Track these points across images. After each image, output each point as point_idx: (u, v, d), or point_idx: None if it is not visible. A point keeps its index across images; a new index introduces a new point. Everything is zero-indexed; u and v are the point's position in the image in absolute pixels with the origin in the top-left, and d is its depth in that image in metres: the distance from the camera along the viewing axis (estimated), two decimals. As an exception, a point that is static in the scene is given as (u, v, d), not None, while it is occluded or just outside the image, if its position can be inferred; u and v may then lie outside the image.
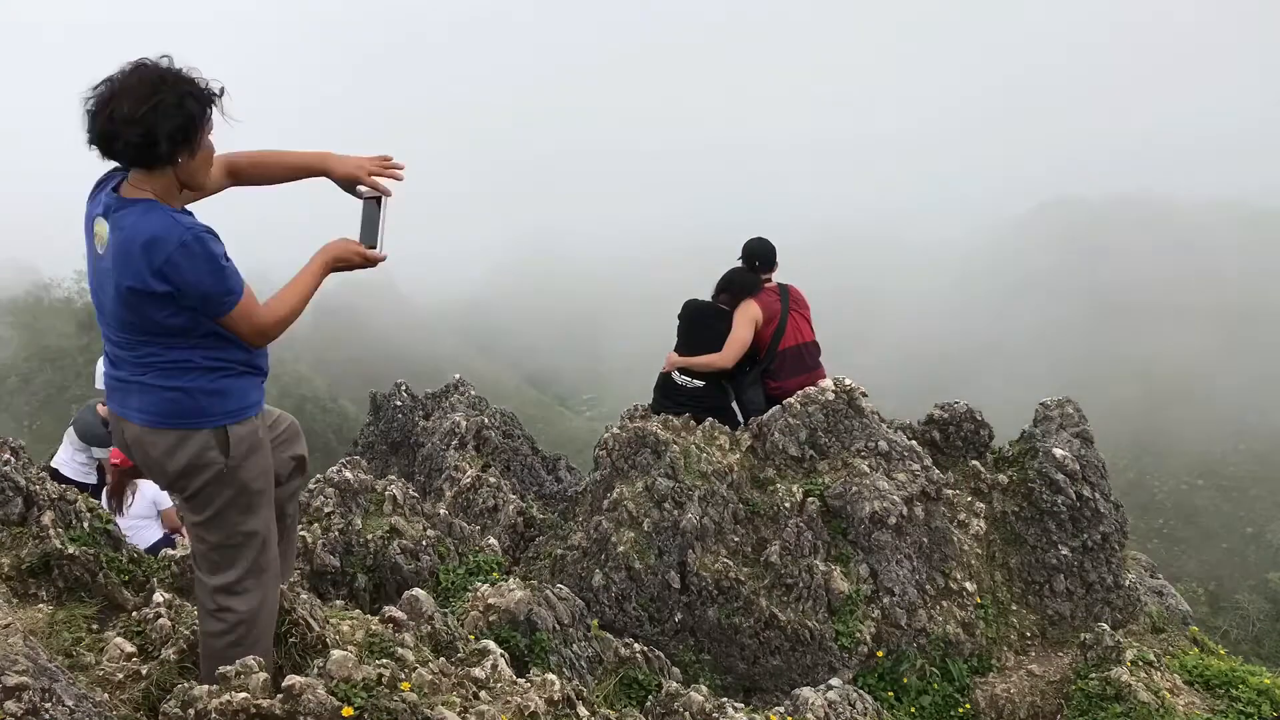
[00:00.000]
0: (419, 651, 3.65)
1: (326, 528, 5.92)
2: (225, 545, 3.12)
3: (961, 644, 5.78)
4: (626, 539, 5.98)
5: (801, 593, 5.74)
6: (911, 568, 5.87)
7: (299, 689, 3.03)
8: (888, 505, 5.85)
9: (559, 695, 3.63)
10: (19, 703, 2.69)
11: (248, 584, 3.16)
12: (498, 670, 3.70)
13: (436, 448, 11.50)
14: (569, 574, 6.07)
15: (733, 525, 6.07)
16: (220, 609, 3.15)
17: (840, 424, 6.44)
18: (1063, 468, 6.32)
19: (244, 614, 3.16)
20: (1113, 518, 6.32)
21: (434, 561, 6.09)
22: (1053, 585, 6.16)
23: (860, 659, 5.60)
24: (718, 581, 5.80)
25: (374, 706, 3.09)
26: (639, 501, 6.08)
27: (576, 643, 4.79)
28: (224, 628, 3.16)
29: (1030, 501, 6.33)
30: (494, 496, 8.59)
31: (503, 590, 4.83)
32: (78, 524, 5.13)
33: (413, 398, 13.83)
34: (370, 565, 5.87)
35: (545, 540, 7.01)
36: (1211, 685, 5.57)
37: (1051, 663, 5.82)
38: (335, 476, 6.40)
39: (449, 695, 3.38)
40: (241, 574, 3.14)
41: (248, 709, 2.98)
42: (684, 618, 5.81)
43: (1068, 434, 6.67)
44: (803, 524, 5.91)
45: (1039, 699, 5.56)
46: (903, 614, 5.71)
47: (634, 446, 6.40)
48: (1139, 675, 5.34)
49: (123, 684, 3.41)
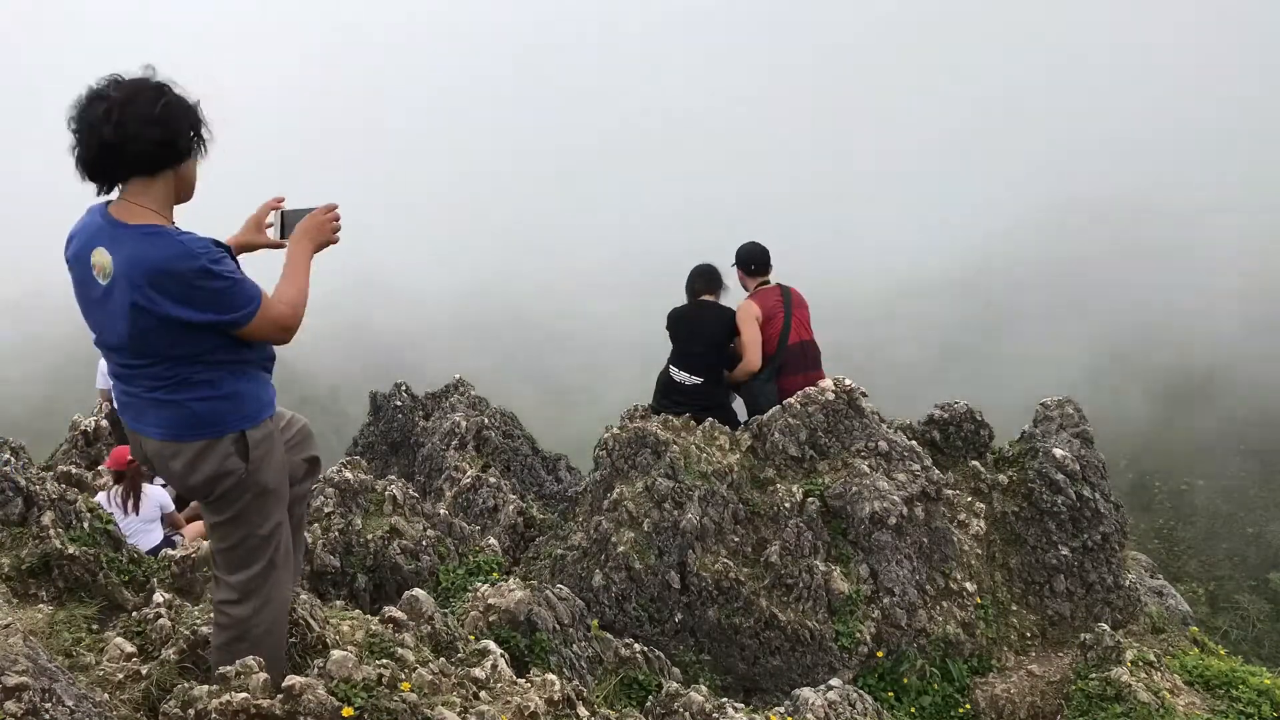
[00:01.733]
0: (419, 652, 3.65)
1: (327, 528, 5.92)
2: (244, 544, 3.17)
3: (961, 644, 5.78)
4: (626, 539, 5.98)
5: (801, 593, 5.74)
6: (911, 568, 5.87)
7: (299, 689, 3.03)
8: (888, 505, 5.85)
9: (559, 695, 3.63)
10: (19, 703, 2.69)
11: (263, 580, 3.20)
12: (498, 670, 3.70)
13: (436, 448, 11.50)
14: (569, 574, 6.07)
15: (733, 525, 6.07)
16: (234, 602, 3.19)
17: (840, 424, 6.44)
18: (1063, 468, 6.32)
19: (255, 609, 3.21)
20: (1113, 518, 6.32)
21: (434, 561, 6.10)
22: (1053, 585, 6.16)
23: (860, 659, 5.60)
24: (718, 582, 5.80)
25: (374, 707, 3.09)
26: (639, 501, 6.08)
27: (576, 643, 4.79)
28: (235, 624, 3.19)
29: (1030, 502, 6.33)
30: (494, 496, 8.60)
31: (503, 590, 4.83)
32: (78, 524, 5.13)
33: (413, 398, 13.84)
34: (370, 565, 5.87)
35: (545, 540, 7.01)
36: (1211, 685, 5.56)
37: (1051, 663, 5.82)
38: (335, 476, 6.40)
39: (449, 695, 3.38)
40: (258, 571, 3.19)
41: (248, 709, 2.98)
42: (684, 618, 5.81)
43: (1068, 434, 6.67)
44: (803, 524, 5.91)
45: (1039, 699, 5.56)
46: (903, 614, 5.71)
47: (634, 446, 6.41)
48: (1139, 675, 5.34)
49: (123, 684, 3.41)
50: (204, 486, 3.07)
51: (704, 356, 7.09)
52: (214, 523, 3.19)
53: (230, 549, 3.18)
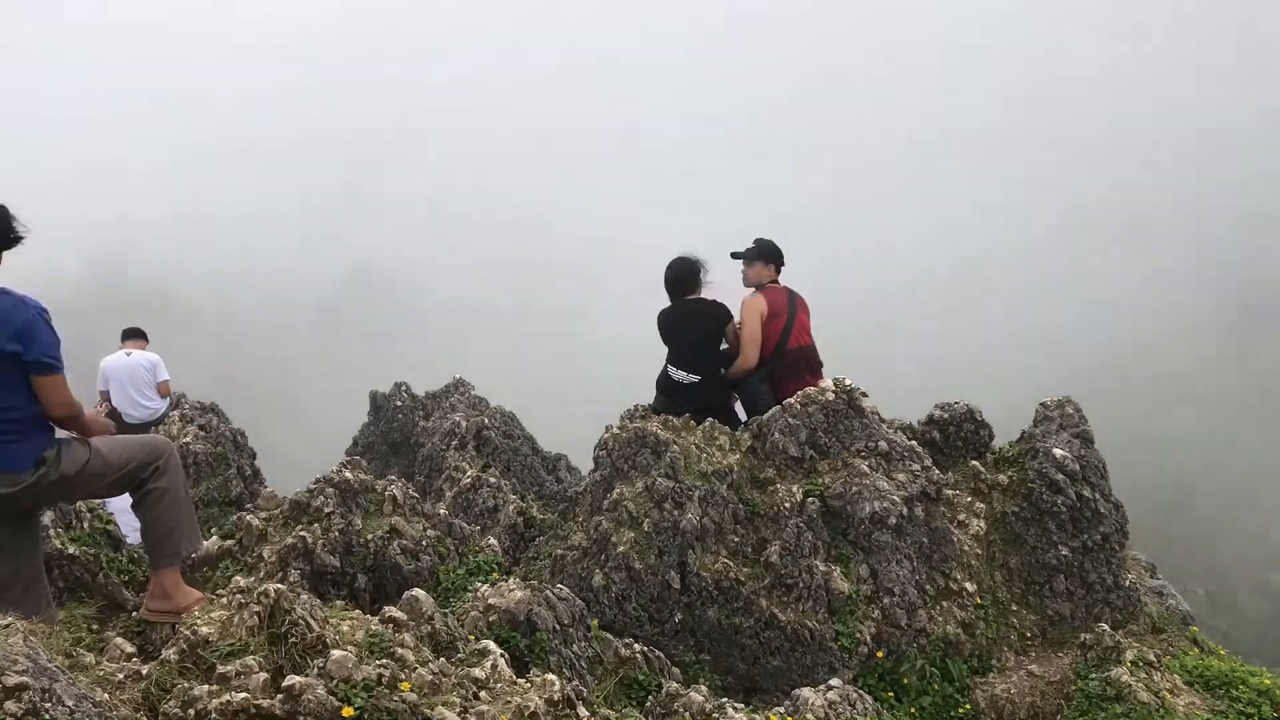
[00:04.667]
0: (419, 651, 3.65)
1: (326, 528, 5.91)
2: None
3: (961, 644, 5.78)
4: (626, 539, 5.98)
5: (801, 593, 5.74)
6: (911, 568, 5.87)
7: (299, 689, 3.03)
8: (888, 505, 5.85)
9: (559, 695, 3.63)
10: (19, 703, 2.69)
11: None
12: (498, 670, 3.70)
13: (436, 448, 11.51)
14: (569, 574, 6.07)
15: (733, 525, 6.07)
16: None
17: (840, 424, 6.44)
18: (1063, 468, 6.32)
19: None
20: (1113, 518, 6.32)
21: (434, 561, 6.09)
22: (1053, 585, 6.16)
23: (860, 659, 5.60)
24: (718, 582, 5.80)
25: (374, 707, 3.09)
26: (639, 501, 6.08)
27: (576, 643, 4.78)
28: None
29: (1030, 502, 6.33)
30: (494, 497, 8.60)
31: (503, 590, 4.83)
32: (78, 524, 5.13)
33: (413, 398, 13.86)
34: (370, 565, 5.87)
35: (545, 540, 7.01)
36: (1211, 686, 5.56)
37: (1051, 663, 5.82)
38: (335, 476, 6.39)
39: (449, 695, 3.38)
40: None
41: (248, 709, 2.98)
42: (684, 618, 5.81)
43: (1068, 434, 6.66)
44: (803, 524, 5.91)
45: (1039, 699, 5.55)
46: (903, 614, 5.71)
47: (634, 446, 6.40)
48: (1139, 676, 5.34)
49: (123, 684, 3.41)
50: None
51: (700, 354, 7.09)
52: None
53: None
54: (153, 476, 4.14)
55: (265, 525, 5.99)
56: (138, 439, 4.38)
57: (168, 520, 4.16)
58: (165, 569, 4.17)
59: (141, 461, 4.14)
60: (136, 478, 4.14)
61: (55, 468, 3.92)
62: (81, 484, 4.08)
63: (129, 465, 4.12)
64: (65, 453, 3.97)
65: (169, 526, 4.16)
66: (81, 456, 4.01)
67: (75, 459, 3.99)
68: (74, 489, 4.13)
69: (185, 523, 4.24)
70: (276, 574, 5.43)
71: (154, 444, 4.28)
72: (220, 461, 10.58)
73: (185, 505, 4.26)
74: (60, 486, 4.00)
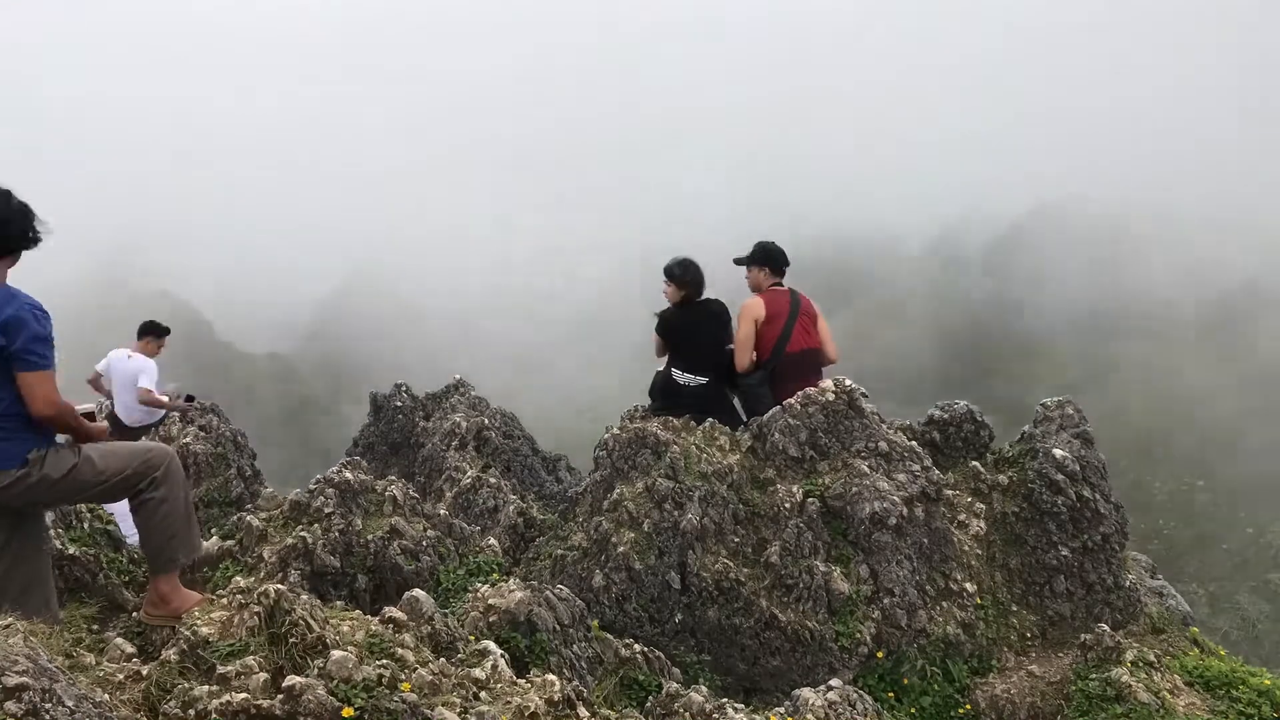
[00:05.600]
0: (419, 652, 3.65)
1: (327, 528, 5.92)
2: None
3: (961, 644, 5.78)
4: (627, 539, 5.98)
5: (802, 593, 5.74)
6: (911, 568, 5.87)
7: (299, 689, 3.03)
8: (888, 506, 5.85)
9: (559, 696, 3.63)
10: (19, 703, 2.69)
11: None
12: (498, 671, 3.70)
13: (437, 448, 11.51)
14: (569, 574, 6.07)
15: (733, 526, 6.07)
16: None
17: (840, 424, 6.44)
18: (1063, 468, 6.32)
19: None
20: (1113, 518, 6.31)
21: (434, 562, 6.10)
22: (1053, 586, 6.16)
23: (860, 659, 5.60)
24: (718, 582, 5.80)
25: (374, 707, 3.09)
26: (639, 502, 6.08)
27: (577, 643, 4.79)
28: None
29: (1030, 502, 6.33)
30: (494, 497, 8.61)
31: (503, 591, 4.83)
32: (78, 525, 5.14)
33: (413, 398, 13.84)
34: (370, 565, 5.87)
35: (545, 541, 7.01)
36: (1211, 686, 5.56)
37: (1051, 663, 5.82)
38: (335, 477, 6.39)
39: (449, 696, 3.38)
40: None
41: (248, 709, 2.98)
42: (684, 618, 5.81)
43: (1068, 435, 6.66)
44: (803, 524, 5.91)
45: (1039, 699, 5.55)
46: (903, 614, 5.71)
47: (634, 447, 6.40)
48: (1139, 676, 5.34)
49: (123, 684, 3.41)
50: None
51: (708, 356, 7.05)
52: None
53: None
54: (150, 487, 4.11)
55: (265, 525, 6.00)
56: (134, 448, 4.31)
57: (165, 529, 4.14)
58: (163, 575, 4.17)
59: (137, 471, 4.10)
60: (132, 486, 4.11)
61: (38, 469, 3.89)
62: (67, 489, 4.05)
63: (122, 474, 4.08)
64: (52, 456, 3.95)
65: (166, 535, 4.14)
66: (68, 462, 3.98)
67: (61, 463, 3.96)
68: (59, 493, 4.10)
69: (183, 531, 4.21)
70: (277, 574, 5.43)
71: (151, 454, 4.21)
72: (220, 462, 10.59)
73: (184, 513, 4.23)
74: (44, 489, 3.96)
